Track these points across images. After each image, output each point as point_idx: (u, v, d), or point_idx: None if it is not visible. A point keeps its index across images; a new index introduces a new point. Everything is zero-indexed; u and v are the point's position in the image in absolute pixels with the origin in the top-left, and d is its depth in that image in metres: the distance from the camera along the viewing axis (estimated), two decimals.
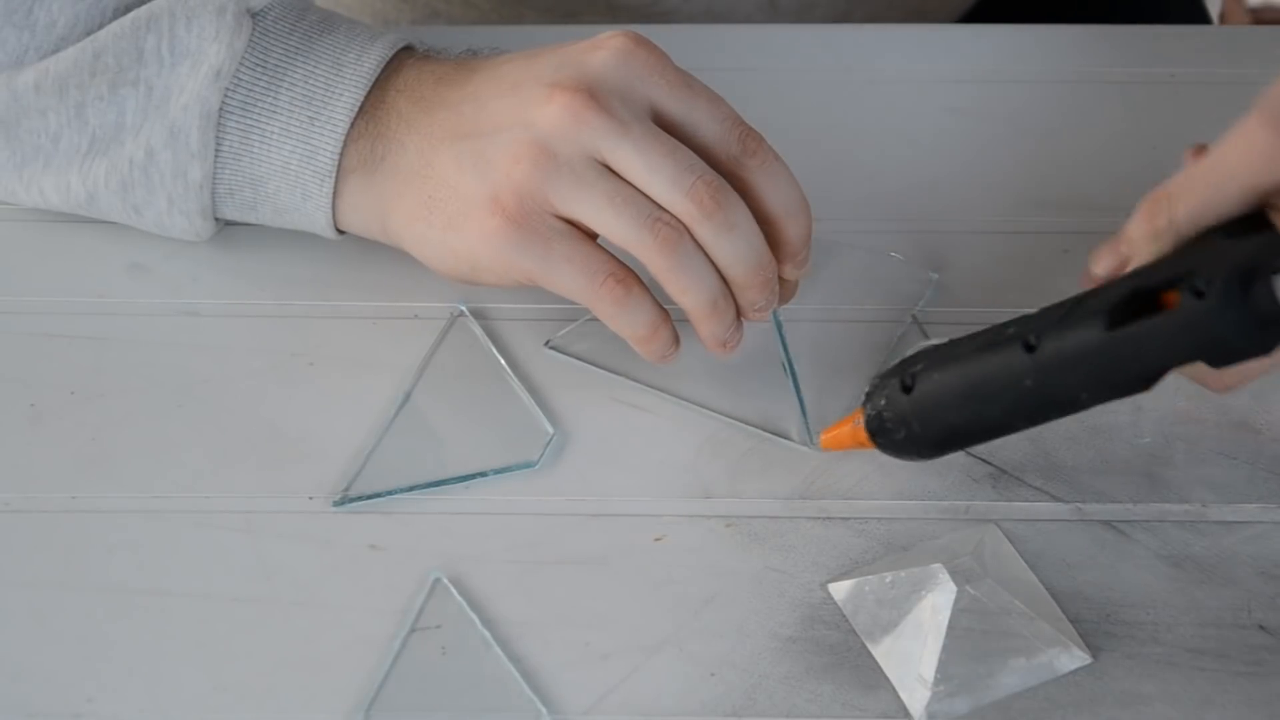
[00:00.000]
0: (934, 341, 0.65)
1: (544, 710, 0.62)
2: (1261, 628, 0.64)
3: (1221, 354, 0.60)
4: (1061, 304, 0.63)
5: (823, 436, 0.68)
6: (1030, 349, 0.62)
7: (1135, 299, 0.61)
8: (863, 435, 0.66)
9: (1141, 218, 0.64)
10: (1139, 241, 0.64)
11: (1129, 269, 0.64)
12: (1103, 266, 0.65)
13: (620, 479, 0.69)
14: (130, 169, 0.71)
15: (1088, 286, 0.65)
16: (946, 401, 0.64)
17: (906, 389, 0.64)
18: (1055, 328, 0.62)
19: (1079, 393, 0.62)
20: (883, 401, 0.65)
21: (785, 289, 0.69)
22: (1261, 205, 0.62)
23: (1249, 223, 0.62)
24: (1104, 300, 0.61)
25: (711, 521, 0.68)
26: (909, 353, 0.66)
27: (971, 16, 1.05)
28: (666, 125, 0.67)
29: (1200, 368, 0.61)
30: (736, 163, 0.67)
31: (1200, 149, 0.64)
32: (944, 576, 0.63)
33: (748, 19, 0.95)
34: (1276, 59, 0.85)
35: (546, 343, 0.73)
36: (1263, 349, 0.60)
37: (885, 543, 0.67)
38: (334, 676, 0.63)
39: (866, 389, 0.66)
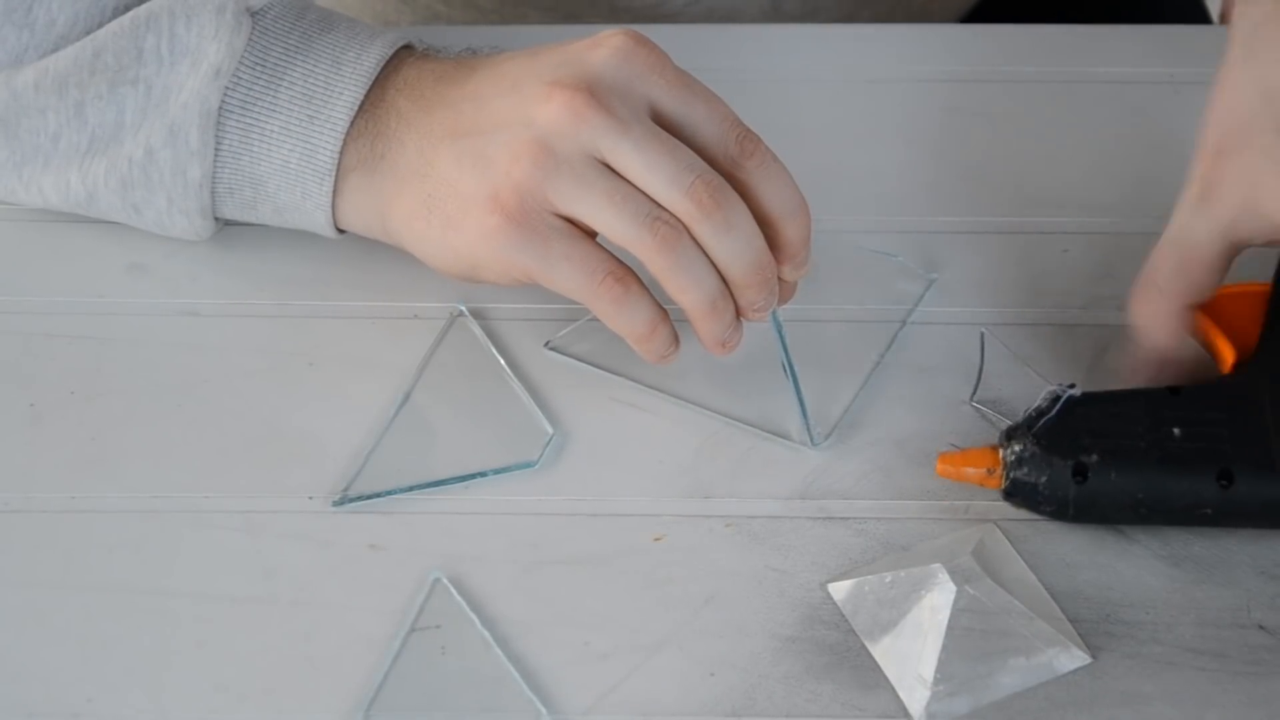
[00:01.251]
0: (1080, 392, 0.65)
1: (544, 710, 0.62)
2: (1261, 628, 0.64)
3: None
4: (1256, 427, 0.64)
5: (943, 463, 0.67)
6: (1224, 484, 0.64)
7: None
8: (992, 482, 0.66)
9: (1140, 300, 0.68)
10: (1153, 322, 0.68)
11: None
12: (1145, 376, 0.69)
13: (620, 479, 0.69)
14: (130, 168, 0.72)
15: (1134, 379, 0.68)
16: (1116, 501, 0.65)
17: (1079, 475, 0.64)
18: (1255, 469, 0.64)
19: (1247, 524, 0.65)
20: (1044, 477, 0.65)
21: (784, 289, 0.69)
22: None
23: None
24: None
25: (711, 521, 0.68)
26: (1047, 399, 0.65)
27: (972, 17, 1.05)
28: (665, 125, 0.67)
29: None
30: (734, 164, 0.67)
31: None
32: (943, 576, 0.63)
33: (751, 24, 0.95)
34: None
35: (546, 343, 0.73)
36: None
37: (885, 543, 0.67)
38: (334, 676, 0.63)
39: (1021, 448, 0.65)
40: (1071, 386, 0.66)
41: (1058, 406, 0.65)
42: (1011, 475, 0.65)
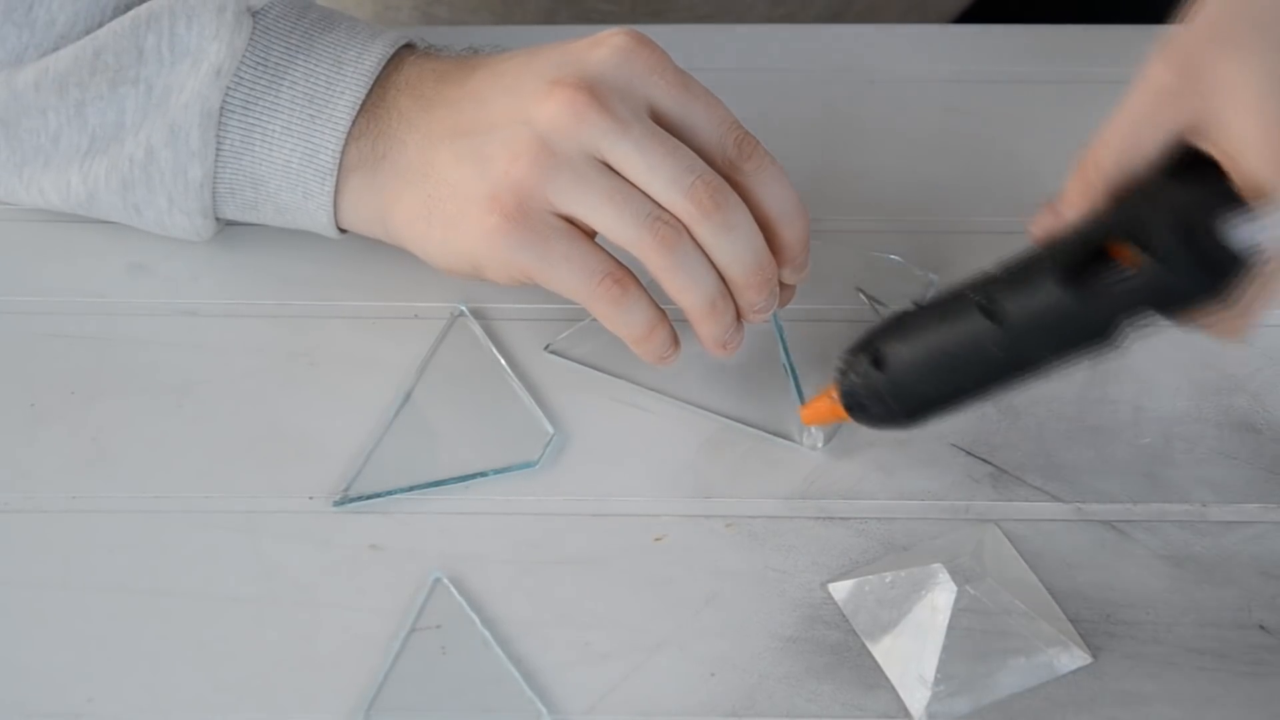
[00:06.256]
0: (896, 309, 0.65)
1: (544, 710, 0.62)
2: (1262, 627, 0.64)
3: (1178, 304, 0.61)
4: (1014, 263, 0.63)
5: (802, 412, 0.68)
6: (990, 315, 0.62)
7: (1085, 253, 0.61)
8: (840, 409, 0.66)
9: (1075, 177, 0.64)
10: (1075, 198, 0.64)
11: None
12: (1041, 227, 0.65)
13: (620, 479, 0.69)
14: (130, 168, 0.71)
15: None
16: (918, 375, 0.64)
17: (877, 364, 0.64)
18: (1012, 291, 0.62)
19: (1045, 354, 0.63)
20: (855, 378, 0.65)
21: (784, 293, 0.69)
22: (1182, 140, 0.63)
23: (1183, 157, 0.62)
24: (1057, 258, 0.61)
25: (711, 521, 0.68)
26: (875, 325, 0.65)
27: (971, 15, 1.05)
28: (664, 125, 0.67)
29: (1209, 321, 0.62)
30: (732, 166, 0.67)
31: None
32: (944, 576, 0.63)
33: (749, 9, 0.95)
34: None
35: (546, 347, 0.73)
36: (1216, 295, 0.60)
37: (885, 543, 0.67)
38: (334, 676, 0.63)
39: (838, 364, 0.66)
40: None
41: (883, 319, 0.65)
42: (841, 390, 0.65)
